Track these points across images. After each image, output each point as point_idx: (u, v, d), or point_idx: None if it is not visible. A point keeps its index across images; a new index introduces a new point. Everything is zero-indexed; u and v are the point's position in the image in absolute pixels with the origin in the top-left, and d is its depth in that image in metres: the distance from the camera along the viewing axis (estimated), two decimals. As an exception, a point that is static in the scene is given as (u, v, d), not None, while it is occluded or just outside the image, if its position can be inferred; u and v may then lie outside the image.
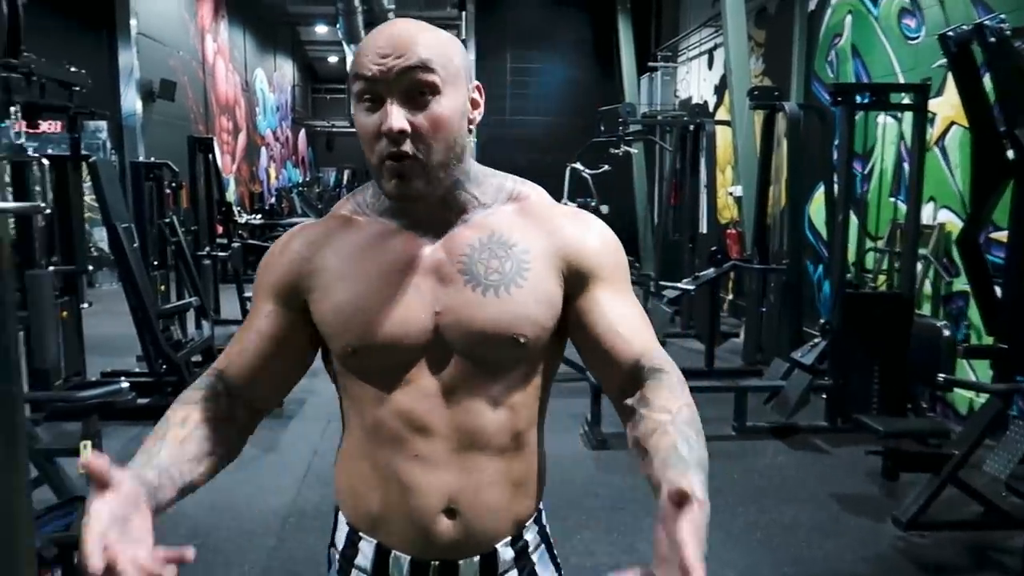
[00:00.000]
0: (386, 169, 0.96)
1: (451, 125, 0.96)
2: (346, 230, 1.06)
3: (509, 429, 1.05)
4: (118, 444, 4.24)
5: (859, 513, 3.50)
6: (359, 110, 0.97)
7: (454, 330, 1.01)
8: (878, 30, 5.79)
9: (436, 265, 1.02)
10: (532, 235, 1.04)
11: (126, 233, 4.36)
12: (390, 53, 0.93)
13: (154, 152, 10.19)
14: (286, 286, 1.05)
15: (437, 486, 1.02)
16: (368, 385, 1.04)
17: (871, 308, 4.52)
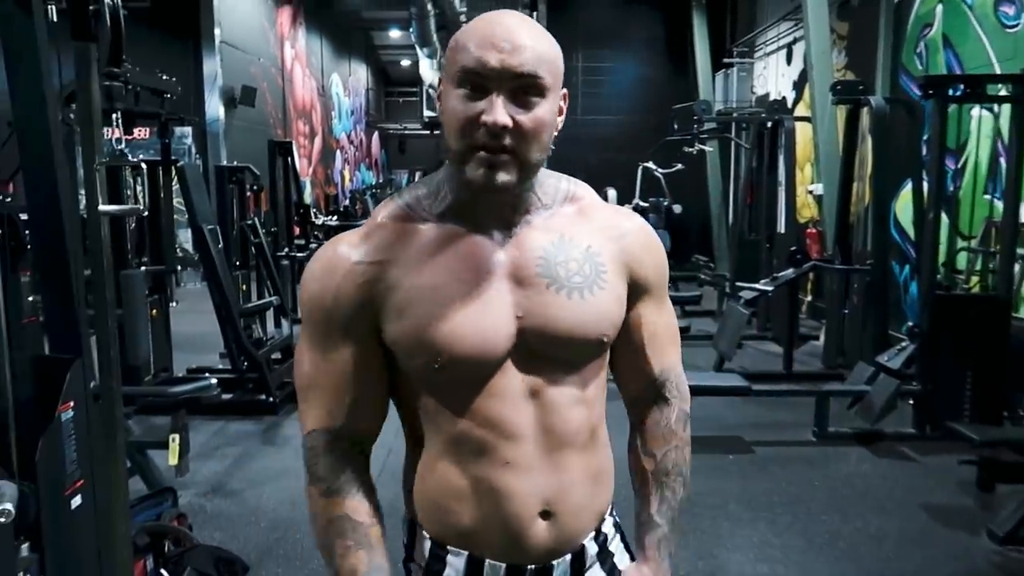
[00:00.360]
0: (477, 158, 0.95)
1: (548, 128, 0.97)
2: (409, 239, 1.01)
3: (588, 425, 1.06)
4: (203, 437, 4.40)
5: (951, 525, 3.33)
6: (455, 95, 0.95)
7: (538, 334, 1.00)
8: (972, 19, 5.51)
9: (512, 269, 1.01)
10: (599, 239, 1.05)
11: (211, 234, 4.52)
12: (506, 50, 0.93)
13: (235, 156, 10.56)
14: (360, 317, 1.00)
15: (531, 490, 1.01)
16: (450, 398, 1.02)
17: (964, 311, 4.30)
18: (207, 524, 3.32)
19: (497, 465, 1.01)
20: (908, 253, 6.25)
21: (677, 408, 1.14)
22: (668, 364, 1.14)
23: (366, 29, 21.01)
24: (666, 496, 1.12)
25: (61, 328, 2.05)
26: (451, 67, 0.96)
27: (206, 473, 3.91)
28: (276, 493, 3.67)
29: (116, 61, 1.67)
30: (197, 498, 3.60)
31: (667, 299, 1.15)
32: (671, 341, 1.15)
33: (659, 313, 1.12)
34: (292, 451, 4.27)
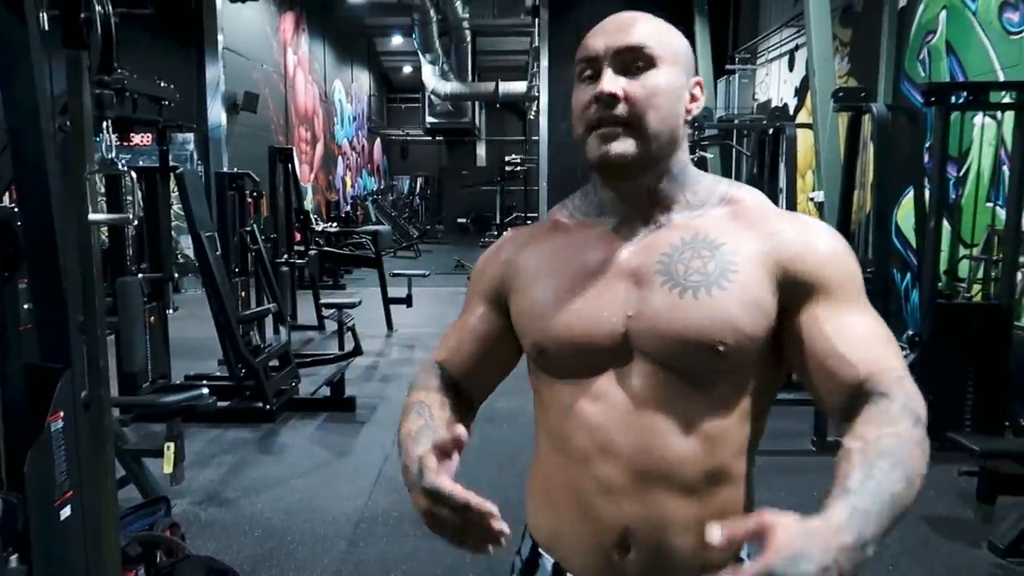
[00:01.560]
0: (594, 137, 0.96)
1: (665, 97, 0.96)
2: (552, 233, 1.08)
3: (703, 462, 0.92)
4: (199, 445, 4.38)
5: (952, 537, 3.30)
6: (577, 86, 0.99)
7: (646, 335, 0.94)
8: (976, 25, 5.50)
9: (634, 266, 0.98)
10: (744, 237, 0.96)
11: (209, 241, 4.51)
12: (611, 31, 0.97)
13: (237, 162, 10.58)
14: (494, 288, 1.10)
15: (613, 514, 0.94)
16: (557, 390, 1.01)
17: (966, 319, 4.27)
18: (201, 533, 3.30)
19: (587, 476, 0.96)
20: (910, 261, 6.22)
21: (901, 403, 0.84)
22: (881, 366, 0.88)
23: (368, 35, 21.08)
24: (874, 475, 0.76)
25: (52, 337, 2.03)
26: (575, 69, 1.00)
27: (202, 481, 3.89)
28: (272, 502, 3.65)
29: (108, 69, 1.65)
30: (192, 506, 3.58)
31: (864, 303, 0.95)
32: (879, 343, 0.92)
33: (850, 315, 0.92)
34: (289, 459, 4.25)
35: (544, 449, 1.04)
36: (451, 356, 1.13)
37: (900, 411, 0.83)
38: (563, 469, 1.00)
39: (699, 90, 1.01)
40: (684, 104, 0.99)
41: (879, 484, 0.76)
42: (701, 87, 1.01)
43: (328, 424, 4.89)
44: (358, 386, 5.58)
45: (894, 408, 0.84)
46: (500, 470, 3.91)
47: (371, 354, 6.66)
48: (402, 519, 3.46)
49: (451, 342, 1.14)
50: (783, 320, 0.94)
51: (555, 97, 12.18)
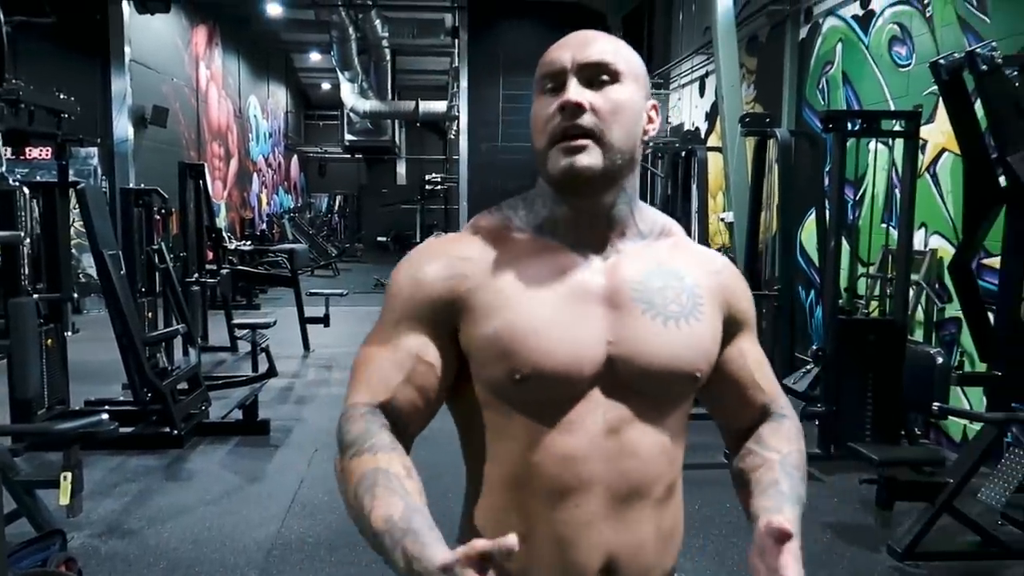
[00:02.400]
0: (557, 149, 0.93)
1: (628, 113, 0.95)
2: (502, 246, 0.98)
3: (666, 478, 0.99)
4: (100, 474, 4.16)
5: (853, 542, 3.44)
6: (539, 100, 0.96)
7: (629, 362, 0.93)
8: (869, 58, 5.84)
9: (608, 291, 0.96)
10: (697, 272, 1.01)
11: (113, 260, 4.32)
12: (575, 45, 0.95)
13: (145, 178, 10.19)
14: (440, 310, 0.95)
15: (597, 543, 0.94)
16: (526, 421, 0.94)
17: (864, 334, 4.49)
18: (101, 567, 3.13)
19: (564, 509, 0.93)
20: (813, 279, 6.51)
21: (794, 423, 1.09)
22: (775, 391, 1.10)
23: (286, 51, 20.74)
24: (795, 485, 0.98)
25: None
26: (536, 84, 0.98)
27: (102, 512, 3.69)
28: (178, 531, 3.49)
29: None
30: (91, 539, 3.39)
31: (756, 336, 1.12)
32: (771, 372, 1.11)
33: (758, 351, 1.09)
34: (197, 486, 4.09)
35: (499, 487, 0.97)
36: (394, 394, 0.94)
37: (796, 432, 1.07)
38: (529, 505, 0.94)
39: (655, 112, 1.01)
40: (643, 124, 0.98)
41: (798, 492, 0.97)
42: (656, 110, 1.02)
43: (240, 448, 4.73)
44: (272, 408, 5.43)
45: (793, 429, 1.07)
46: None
47: (287, 375, 6.49)
48: (317, 544, 3.37)
49: (380, 379, 0.95)
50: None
51: (475, 117, 12.26)
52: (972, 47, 3.20)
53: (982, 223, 3.45)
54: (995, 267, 4.10)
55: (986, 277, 4.27)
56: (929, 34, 5.06)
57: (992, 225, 3.56)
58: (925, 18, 5.11)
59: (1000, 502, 3.20)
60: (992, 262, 4.17)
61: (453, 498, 1.03)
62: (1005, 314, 3.42)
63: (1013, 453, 3.31)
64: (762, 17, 7.57)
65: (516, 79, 12.40)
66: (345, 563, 3.20)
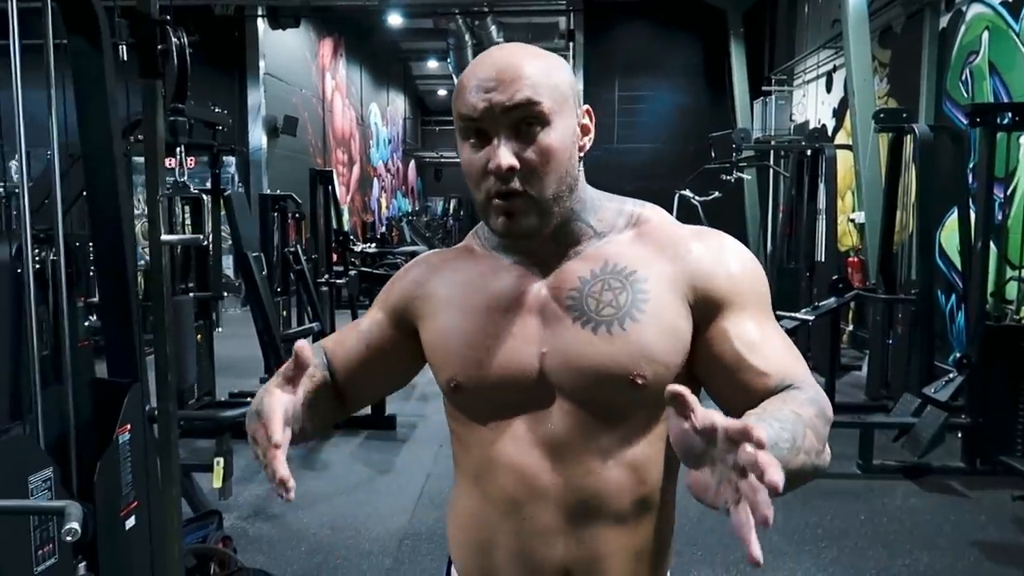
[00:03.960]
0: (494, 208, 0.91)
1: (561, 156, 0.91)
2: (463, 261, 1.04)
3: (631, 491, 0.93)
4: (244, 462, 4.44)
5: (1005, 563, 3.23)
6: (464, 147, 0.93)
7: (561, 372, 0.92)
8: (1019, 45, 5.45)
9: (543, 302, 0.96)
10: (654, 262, 0.94)
11: (256, 261, 4.61)
12: (494, 87, 0.88)
13: (276, 184, 10.79)
14: (398, 306, 1.05)
15: (550, 558, 0.94)
16: (475, 430, 0.98)
17: (1015, 341, 4.20)
18: (249, 547, 3.35)
19: (517, 520, 0.94)
20: (954, 282, 6.13)
21: (812, 392, 0.86)
22: (790, 372, 0.89)
23: (404, 59, 21.42)
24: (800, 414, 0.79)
25: (120, 353, 2.11)
26: (456, 120, 0.93)
27: (248, 497, 3.95)
28: (316, 517, 3.70)
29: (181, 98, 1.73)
30: (239, 521, 3.64)
31: (770, 316, 0.96)
32: (789, 352, 0.92)
33: (756, 327, 0.93)
34: (332, 476, 4.31)
35: (466, 488, 1.01)
36: (335, 347, 1.07)
37: (812, 398, 0.84)
38: (490, 512, 0.96)
39: (588, 119, 0.96)
40: (577, 144, 0.94)
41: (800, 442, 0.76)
42: (590, 115, 0.97)
43: (369, 442, 4.94)
44: (396, 405, 5.63)
45: (807, 395, 0.85)
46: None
47: (409, 373, 6.72)
48: (445, 536, 3.48)
49: (342, 339, 1.08)
50: (695, 339, 0.93)
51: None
52: None
53: None
54: None
55: None
56: (1091, 18, 4.68)
57: None
58: (1086, 1, 4.72)
59: None
60: None
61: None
62: None
63: None
64: (897, 7, 7.19)
65: (632, 80, 12.33)
66: (472, 556, 3.29)
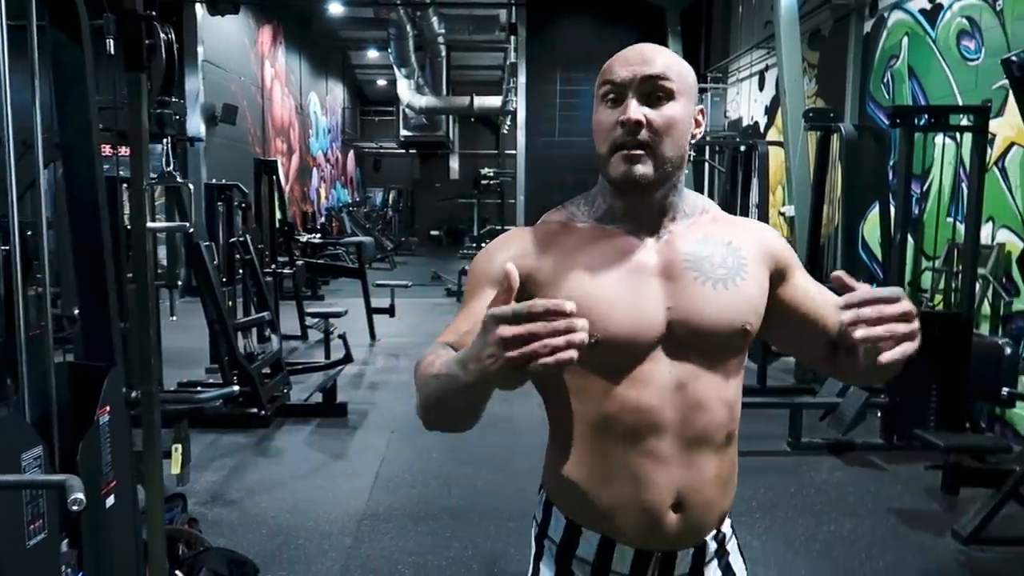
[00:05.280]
0: (618, 156, 1.08)
1: (680, 126, 1.09)
2: (565, 234, 1.15)
3: (726, 426, 1.13)
4: (197, 449, 4.47)
5: (918, 527, 3.54)
6: (601, 108, 1.11)
7: (686, 324, 1.08)
8: (936, 52, 5.84)
9: (662, 264, 1.11)
10: (738, 236, 1.16)
11: (207, 251, 4.62)
12: (637, 63, 1.08)
13: (215, 173, 10.61)
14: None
15: (667, 481, 1.09)
16: (601, 379, 1.09)
17: (930, 327, 4.51)
18: (209, 531, 3.40)
19: (638, 453, 1.08)
20: (875, 273, 6.53)
21: None
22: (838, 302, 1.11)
23: (343, 48, 21.20)
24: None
25: (99, 337, 2.17)
26: (597, 90, 1.12)
27: (204, 483, 3.99)
28: (275, 502, 3.77)
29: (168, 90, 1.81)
30: (198, 507, 3.68)
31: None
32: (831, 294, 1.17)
33: (813, 284, 1.20)
34: (287, 462, 4.37)
35: (579, 435, 1.12)
36: (460, 339, 1.04)
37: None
38: (611, 450, 1.09)
39: (701, 116, 1.15)
40: (691, 130, 1.12)
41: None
42: (703, 113, 1.15)
43: (321, 429, 5.01)
44: (347, 393, 5.71)
45: None
46: (496, 473, 4.09)
47: (357, 363, 6.78)
48: (403, 516, 3.61)
49: (460, 326, 1.08)
50: (771, 297, 1.17)
51: (532, 112, 12.44)
52: (1044, 44, 3.26)
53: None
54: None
55: (1055, 271, 4.29)
56: (999, 28, 5.06)
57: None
58: (995, 12, 5.11)
59: (1067, 491, 3.27)
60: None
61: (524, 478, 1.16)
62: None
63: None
64: (825, 11, 7.57)
65: (573, 74, 12.53)
66: (429, 533, 3.43)
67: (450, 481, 4.06)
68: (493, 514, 3.62)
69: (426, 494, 3.91)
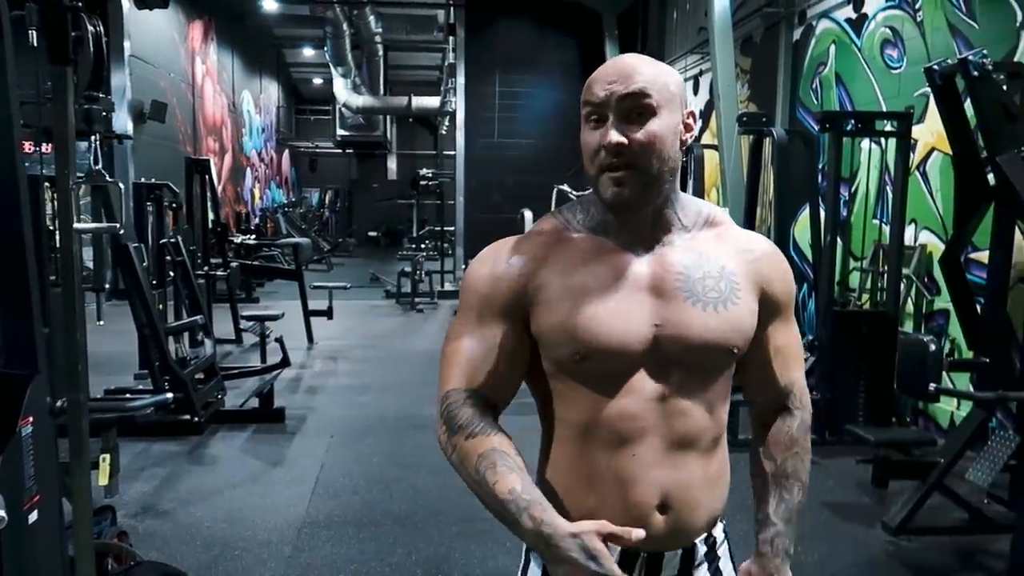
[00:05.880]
0: (605, 179, 1.09)
1: (664, 141, 1.09)
2: (562, 246, 1.16)
3: (711, 431, 1.15)
4: (126, 459, 4.29)
5: (850, 520, 3.66)
6: (585, 129, 1.12)
7: (674, 341, 1.11)
8: (861, 60, 6.06)
9: (654, 280, 1.12)
10: (734, 259, 1.16)
11: (136, 252, 4.46)
12: (615, 81, 1.08)
13: (143, 172, 10.26)
14: (513, 304, 1.13)
15: (652, 481, 1.11)
16: (587, 390, 1.12)
17: (858, 325, 4.72)
18: (142, 544, 3.27)
19: (624, 456, 1.11)
20: (805, 273, 6.73)
21: (800, 418, 1.25)
22: (793, 378, 1.24)
23: (278, 46, 20.77)
24: (784, 498, 1.22)
25: (20, 344, 2.06)
26: (581, 108, 1.12)
27: (134, 494, 3.85)
28: (210, 512, 3.66)
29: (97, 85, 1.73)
30: (127, 519, 3.54)
31: (793, 318, 1.24)
32: (796, 357, 1.25)
33: (786, 331, 1.23)
34: (222, 470, 4.25)
35: (568, 440, 1.15)
36: (487, 379, 1.13)
37: (797, 429, 1.25)
38: (597, 454, 1.12)
39: (692, 119, 1.14)
40: (680, 138, 1.12)
41: (788, 507, 1.22)
42: (694, 117, 1.15)
43: (258, 435, 4.89)
44: (284, 398, 5.58)
45: (794, 427, 1.25)
46: (437, 475, 4.06)
47: (295, 366, 6.63)
48: (344, 523, 3.54)
49: (475, 366, 1.14)
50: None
51: (472, 113, 12.40)
52: (964, 54, 3.41)
53: (972, 219, 3.67)
54: (980, 261, 4.33)
55: (972, 270, 4.49)
56: (920, 38, 5.28)
57: (980, 222, 3.77)
58: (916, 23, 5.33)
59: (986, 481, 3.43)
60: (978, 256, 4.40)
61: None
62: (993, 305, 3.64)
63: (998, 436, 3.53)
64: (756, 19, 7.77)
65: (513, 75, 12.55)
66: (371, 540, 3.38)
67: (391, 486, 4.00)
68: (435, 518, 3.58)
69: (367, 500, 3.85)
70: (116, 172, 10.47)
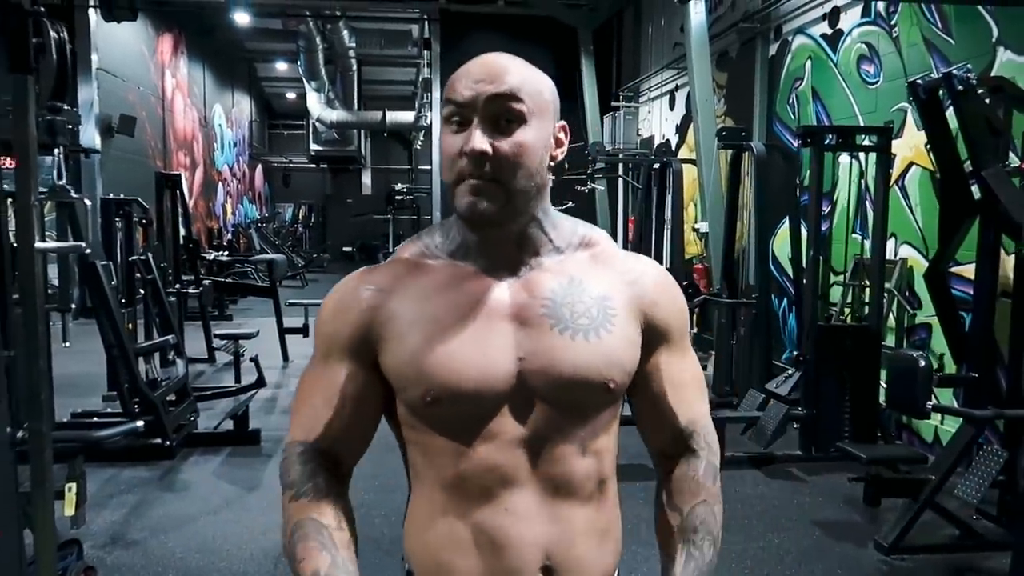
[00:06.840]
0: (463, 187, 0.95)
1: (533, 154, 0.96)
2: (416, 274, 1.02)
3: (595, 476, 1.01)
4: (93, 486, 4.12)
5: (842, 539, 3.60)
6: (446, 131, 0.97)
7: (540, 376, 0.97)
8: (837, 75, 6.09)
9: (517, 309, 0.99)
10: (614, 283, 1.03)
11: (104, 270, 4.30)
12: (482, 79, 0.94)
13: (111, 188, 10.03)
14: (359, 340, 1.00)
15: (531, 540, 0.97)
16: (446, 437, 0.98)
17: (842, 340, 4.69)
18: (110, 577, 3.13)
19: (495, 512, 0.97)
20: (785, 287, 6.73)
21: (705, 461, 1.06)
22: (694, 415, 1.07)
23: (250, 60, 20.60)
24: (693, 555, 1.01)
25: (-22, 371, 1.93)
26: (442, 109, 0.98)
27: (103, 524, 3.68)
28: (183, 540, 3.50)
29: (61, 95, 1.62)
30: (95, 550, 3.38)
31: (689, 347, 1.09)
32: (697, 391, 1.08)
33: (681, 361, 1.07)
34: (195, 497, 4.09)
35: (432, 497, 1.00)
36: (325, 431, 1.00)
37: (704, 472, 1.06)
38: (466, 512, 0.98)
39: (563, 134, 1.02)
40: (549, 152, 0.99)
41: (698, 566, 1.01)
42: (566, 131, 1.02)
43: (233, 459, 4.73)
44: (260, 419, 5.43)
45: (700, 471, 1.05)
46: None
47: (270, 386, 6.46)
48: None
49: (313, 415, 1.01)
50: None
51: (447, 128, 12.34)
52: (949, 69, 3.41)
53: (956, 234, 3.66)
54: (963, 275, 4.33)
55: (955, 285, 4.49)
56: (896, 53, 5.31)
57: (965, 236, 3.77)
58: (892, 38, 5.36)
59: (976, 498, 3.40)
60: (961, 270, 4.40)
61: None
62: (979, 319, 3.63)
63: (984, 452, 3.51)
64: (732, 34, 7.81)
65: (488, 91, 12.49)
66: (353, 568, 3.24)
67: (372, 510, 3.88)
68: (419, 544, 3.46)
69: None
70: (83, 187, 10.22)
